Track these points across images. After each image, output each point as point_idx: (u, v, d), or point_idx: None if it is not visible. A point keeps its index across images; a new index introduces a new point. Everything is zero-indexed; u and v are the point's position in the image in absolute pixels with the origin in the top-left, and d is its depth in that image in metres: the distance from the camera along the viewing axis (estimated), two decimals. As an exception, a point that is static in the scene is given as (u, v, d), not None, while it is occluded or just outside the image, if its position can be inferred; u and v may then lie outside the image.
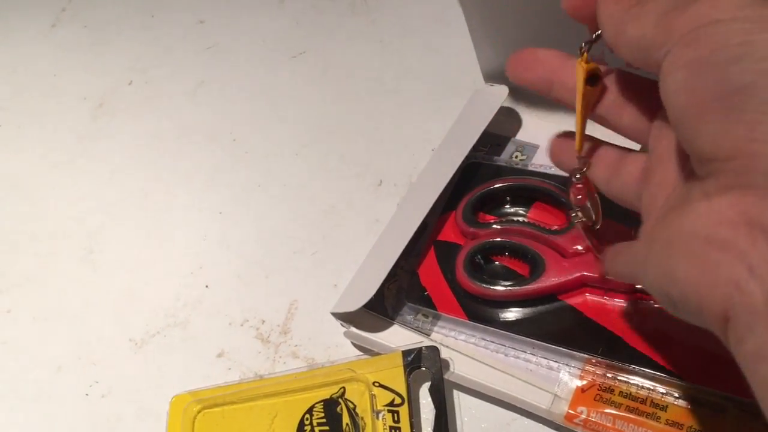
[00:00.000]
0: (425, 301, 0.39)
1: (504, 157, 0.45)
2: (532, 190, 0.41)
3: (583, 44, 0.29)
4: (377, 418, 0.36)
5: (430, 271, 0.40)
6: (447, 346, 0.38)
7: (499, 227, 0.40)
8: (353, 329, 0.39)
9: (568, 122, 0.45)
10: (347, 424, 0.36)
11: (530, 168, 0.43)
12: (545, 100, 0.46)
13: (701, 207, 0.21)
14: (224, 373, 0.41)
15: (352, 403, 0.37)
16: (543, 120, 0.47)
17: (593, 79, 0.29)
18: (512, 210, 0.42)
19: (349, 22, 0.60)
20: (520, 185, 0.42)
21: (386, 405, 0.36)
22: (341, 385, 0.37)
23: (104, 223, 0.51)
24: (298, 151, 0.51)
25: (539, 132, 0.46)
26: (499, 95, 0.46)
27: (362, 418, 0.36)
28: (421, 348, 0.37)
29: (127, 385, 0.42)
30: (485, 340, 0.38)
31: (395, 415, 0.36)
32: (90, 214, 0.51)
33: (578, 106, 0.30)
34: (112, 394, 0.42)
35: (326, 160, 0.50)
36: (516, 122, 0.47)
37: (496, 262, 0.40)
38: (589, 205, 0.33)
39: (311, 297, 0.43)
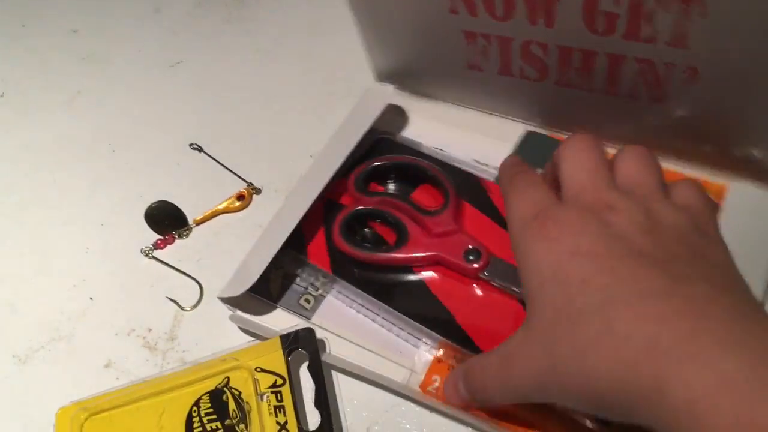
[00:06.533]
0: (300, 248, 0.43)
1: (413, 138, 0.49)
2: (420, 171, 0.45)
3: None
4: (261, 400, 0.38)
5: (313, 225, 0.43)
6: (324, 328, 0.41)
7: (381, 198, 0.43)
8: (239, 313, 0.41)
9: (451, 116, 0.48)
10: (234, 410, 0.38)
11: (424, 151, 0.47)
12: (429, 97, 0.50)
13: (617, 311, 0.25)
14: (112, 383, 0.41)
15: (237, 390, 0.39)
16: (428, 116, 0.50)
17: None
18: (400, 186, 0.45)
19: (224, 32, 0.61)
20: (409, 164, 0.45)
21: (269, 387, 0.39)
22: (225, 375, 0.39)
23: (-21, 239, 0.50)
24: (179, 161, 0.52)
25: (425, 128, 0.49)
26: (385, 94, 0.49)
27: (247, 403, 0.38)
28: (297, 331, 0.40)
29: (12, 400, 0.42)
30: (350, 299, 0.41)
31: (278, 394, 0.38)
32: (-37, 230, 0.50)
33: None
34: (-4, 412, 0.42)
35: (206, 169, 0.52)
36: (403, 120, 0.50)
37: (368, 228, 0.43)
38: None
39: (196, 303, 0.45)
